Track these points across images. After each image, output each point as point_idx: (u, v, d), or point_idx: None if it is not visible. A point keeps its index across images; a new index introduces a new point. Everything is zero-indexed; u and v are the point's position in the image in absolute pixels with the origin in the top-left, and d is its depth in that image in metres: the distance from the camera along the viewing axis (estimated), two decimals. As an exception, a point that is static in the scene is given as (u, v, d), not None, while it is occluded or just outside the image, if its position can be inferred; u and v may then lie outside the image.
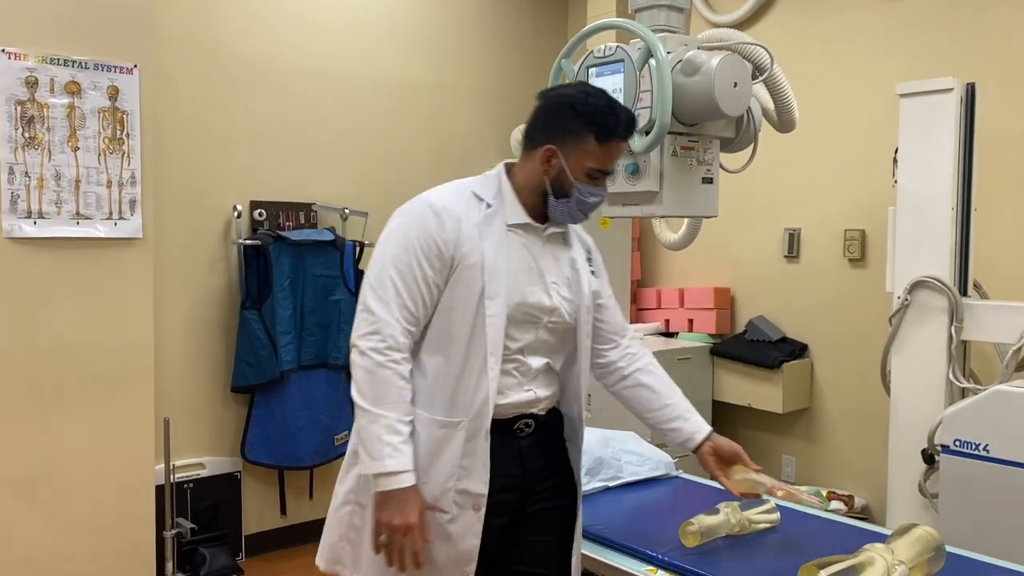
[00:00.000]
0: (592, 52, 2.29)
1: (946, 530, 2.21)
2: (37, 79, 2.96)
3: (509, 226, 1.81)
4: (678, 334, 4.32)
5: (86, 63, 3.05)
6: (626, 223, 4.40)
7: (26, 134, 2.96)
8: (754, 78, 2.32)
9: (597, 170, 1.80)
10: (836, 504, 3.64)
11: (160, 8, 3.53)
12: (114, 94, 3.11)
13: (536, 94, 1.90)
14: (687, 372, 3.97)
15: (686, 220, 2.95)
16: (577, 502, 1.99)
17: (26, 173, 2.96)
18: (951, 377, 2.95)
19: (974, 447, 2.66)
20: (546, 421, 1.92)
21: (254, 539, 3.96)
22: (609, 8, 4.44)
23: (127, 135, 3.16)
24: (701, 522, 2.09)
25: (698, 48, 2.25)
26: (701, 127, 2.28)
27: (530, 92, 5.61)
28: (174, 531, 3.49)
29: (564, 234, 1.92)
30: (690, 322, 4.31)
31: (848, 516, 3.15)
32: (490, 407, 1.76)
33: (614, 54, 2.23)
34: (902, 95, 3.08)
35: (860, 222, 3.83)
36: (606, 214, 2.44)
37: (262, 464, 3.89)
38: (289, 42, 4.01)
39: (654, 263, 4.71)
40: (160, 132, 3.51)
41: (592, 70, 2.28)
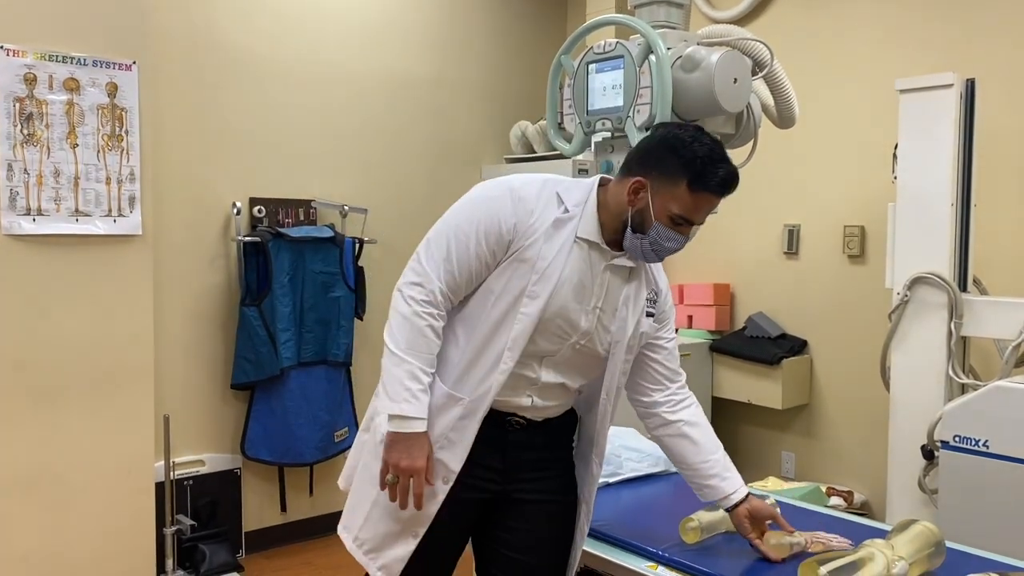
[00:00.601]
0: (592, 48, 2.28)
1: (946, 526, 2.22)
2: (36, 76, 2.96)
3: (578, 238, 1.78)
4: (678, 331, 4.32)
5: (85, 60, 3.04)
6: (626, 219, 4.40)
7: (25, 131, 2.95)
8: (754, 74, 2.32)
9: (681, 217, 1.74)
10: (836, 500, 3.64)
11: (158, 5, 3.53)
12: (113, 91, 3.11)
13: (655, 124, 1.88)
14: (687, 369, 3.90)
15: (686, 216, 2.95)
16: (579, 502, 1.99)
17: (25, 170, 2.96)
18: (951, 373, 2.95)
19: (974, 443, 2.66)
20: (544, 426, 1.92)
21: (254, 536, 3.96)
22: (608, 4, 4.43)
23: (126, 132, 3.15)
24: (701, 518, 2.09)
25: (698, 44, 2.25)
26: (701, 123, 2.27)
27: (530, 88, 5.59)
28: (174, 528, 3.50)
29: (635, 269, 1.86)
30: (689, 318, 4.32)
31: (848, 512, 3.16)
32: (491, 396, 1.79)
33: (614, 50, 2.22)
34: (902, 91, 3.07)
35: (860, 218, 3.83)
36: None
37: (262, 461, 3.89)
38: (289, 39, 4.01)
39: (654, 259, 4.71)
40: (159, 129, 3.51)
41: (592, 66, 2.27)
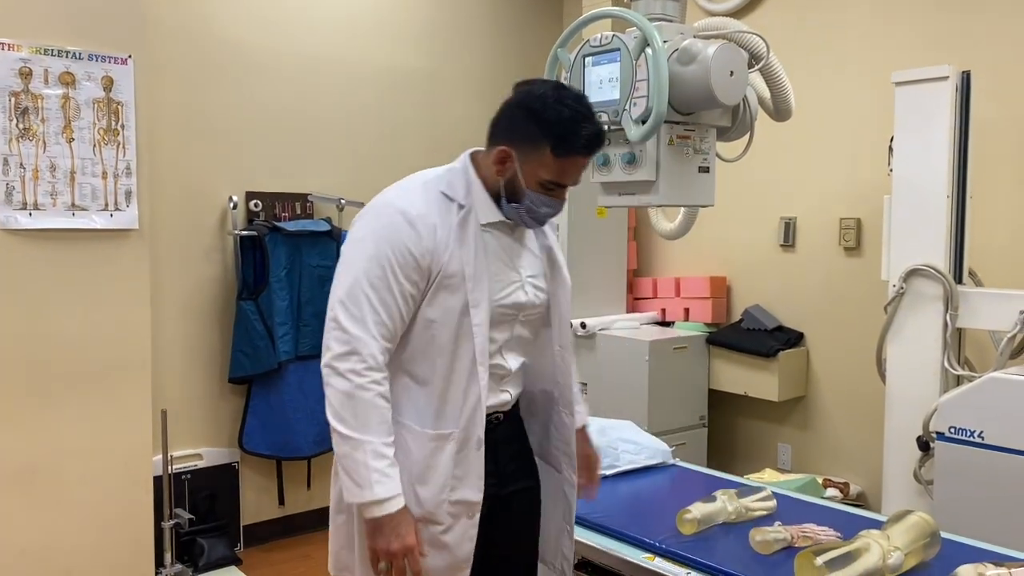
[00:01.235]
0: (588, 41, 2.28)
1: (941, 516, 2.23)
2: (31, 70, 2.95)
3: (483, 226, 1.73)
4: (674, 323, 4.32)
5: (80, 54, 3.04)
6: (622, 212, 4.40)
7: (20, 125, 2.95)
8: (750, 67, 2.32)
9: (551, 182, 1.70)
10: (832, 492, 3.66)
11: (154, -2, 3.52)
12: (108, 85, 3.10)
13: (513, 83, 1.78)
14: (684, 361, 3.97)
15: (682, 209, 2.95)
16: (560, 468, 1.94)
17: (21, 164, 2.95)
18: (946, 365, 2.96)
19: (969, 434, 2.67)
20: (512, 410, 1.91)
21: (252, 529, 3.97)
22: (605, -4, 4.43)
23: (122, 126, 3.15)
24: (698, 510, 2.11)
25: (694, 37, 2.25)
26: (697, 116, 2.27)
27: (526, 81, 5.46)
28: (172, 522, 3.50)
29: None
30: (686, 311, 4.32)
31: (844, 503, 3.17)
32: (481, 415, 1.72)
33: (610, 43, 2.22)
34: (897, 83, 3.08)
35: (856, 211, 3.83)
36: (602, 203, 2.44)
37: (260, 455, 3.90)
38: (285, 32, 4.00)
39: (650, 252, 4.71)
40: (155, 123, 3.50)
41: (588, 59, 2.27)
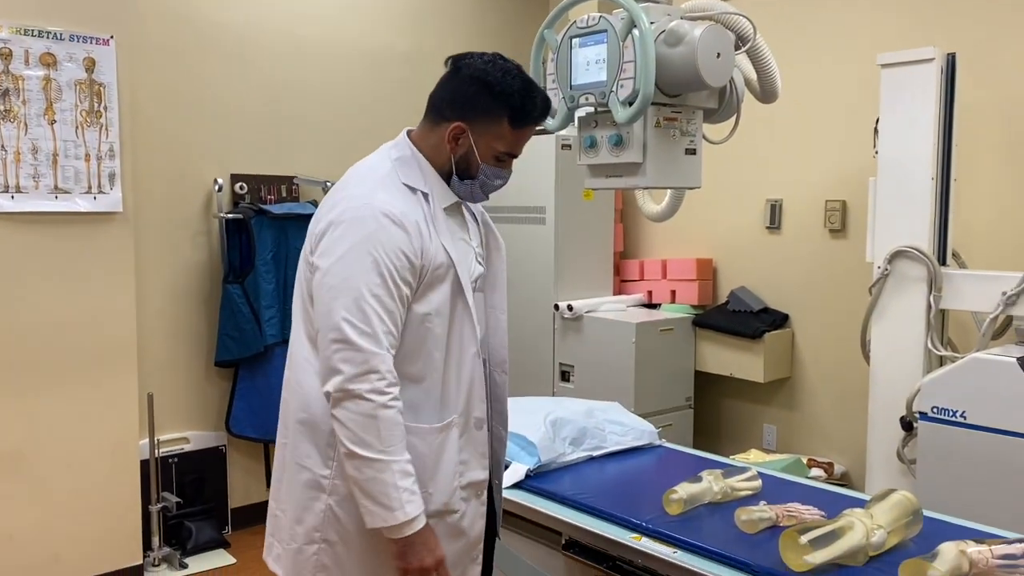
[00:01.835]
0: (575, 22, 2.27)
1: (923, 495, 2.26)
2: (11, 51, 2.91)
3: (444, 209, 1.72)
4: (661, 305, 4.34)
5: (61, 34, 3.00)
6: (609, 195, 4.40)
7: (1, 107, 2.91)
8: (737, 49, 2.32)
9: (506, 153, 1.72)
10: (816, 472, 3.70)
11: (136, -22, 3.48)
12: (90, 66, 3.07)
13: (447, 59, 1.76)
14: (670, 343, 3.99)
15: (669, 191, 2.95)
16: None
17: (2, 147, 2.92)
18: (929, 345, 2.99)
19: (951, 414, 2.70)
20: None
21: (240, 512, 3.97)
22: (591, -22, 4.40)
23: (105, 108, 3.12)
24: (684, 490, 2.12)
25: (681, 18, 2.24)
26: (684, 98, 2.27)
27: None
28: (160, 505, 3.50)
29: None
30: (672, 293, 4.33)
31: (828, 483, 3.20)
32: (477, 393, 1.73)
33: (597, 24, 2.21)
34: (883, 65, 3.08)
35: (841, 193, 3.85)
36: (589, 186, 2.44)
37: (247, 438, 3.90)
38: (268, 13, 3.96)
39: (637, 234, 4.72)
40: (138, 105, 3.47)
41: (575, 41, 2.26)
